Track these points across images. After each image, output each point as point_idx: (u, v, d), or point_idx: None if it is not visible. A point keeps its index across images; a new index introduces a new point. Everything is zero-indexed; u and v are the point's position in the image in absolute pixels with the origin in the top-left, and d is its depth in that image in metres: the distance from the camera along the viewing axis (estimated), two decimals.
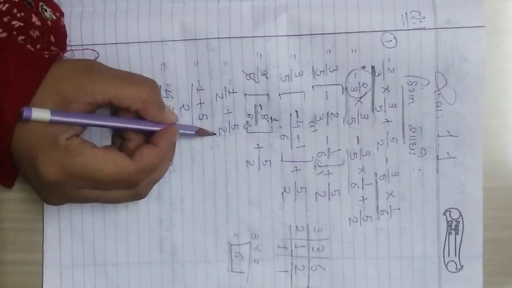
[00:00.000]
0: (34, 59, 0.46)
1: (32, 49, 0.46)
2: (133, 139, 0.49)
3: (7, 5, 0.45)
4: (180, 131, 0.50)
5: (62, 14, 0.50)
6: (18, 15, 0.45)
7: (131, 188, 0.48)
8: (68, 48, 0.50)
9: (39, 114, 0.44)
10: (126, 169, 0.46)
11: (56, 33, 0.48)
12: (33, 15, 0.46)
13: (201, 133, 0.52)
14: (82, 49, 0.51)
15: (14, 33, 0.45)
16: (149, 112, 0.48)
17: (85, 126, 0.47)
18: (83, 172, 0.45)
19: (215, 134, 0.52)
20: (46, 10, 0.48)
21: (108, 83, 0.46)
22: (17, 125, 0.45)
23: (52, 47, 0.48)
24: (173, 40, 0.51)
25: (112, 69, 0.49)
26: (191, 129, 0.51)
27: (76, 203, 0.51)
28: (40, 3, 0.48)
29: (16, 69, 0.44)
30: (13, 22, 0.45)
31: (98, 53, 0.51)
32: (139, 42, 0.51)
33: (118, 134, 0.50)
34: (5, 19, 0.45)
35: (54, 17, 0.49)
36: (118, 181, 0.46)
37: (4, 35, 0.45)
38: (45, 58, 0.47)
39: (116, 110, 0.49)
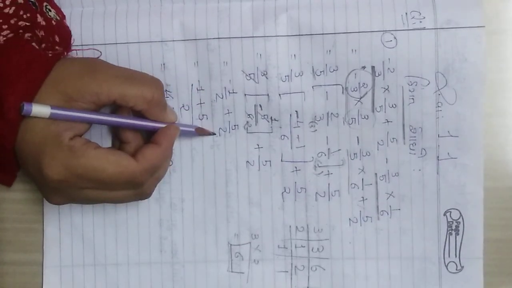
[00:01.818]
0: (38, 57, 0.45)
1: (37, 47, 0.46)
2: (132, 142, 0.49)
3: (13, 7, 0.45)
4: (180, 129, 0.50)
5: (64, 17, 0.50)
6: (24, 16, 0.45)
7: (136, 188, 0.48)
8: (72, 48, 0.50)
9: (39, 109, 0.44)
10: (130, 169, 0.46)
11: (60, 32, 0.48)
12: (38, 15, 0.46)
13: (200, 132, 0.52)
14: (82, 49, 0.51)
15: (21, 31, 0.45)
16: (152, 112, 0.48)
17: (85, 122, 0.47)
18: (87, 173, 0.45)
19: (214, 134, 0.52)
20: (50, 10, 0.48)
21: (112, 84, 0.46)
22: (21, 124, 0.45)
23: (56, 47, 0.48)
24: (173, 40, 0.51)
25: (117, 68, 0.49)
26: (191, 128, 0.51)
27: (79, 203, 0.51)
28: (44, 3, 0.48)
29: (20, 67, 0.44)
30: (19, 23, 0.45)
31: (100, 52, 0.51)
32: (139, 42, 0.51)
33: (117, 137, 0.50)
34: (12, 21, 0.45)
35: (58, 18, 0.49)
36: (122, 182, 0.46)
37: (11, 35, 0.45)
38: (49, 56, 0.46)
39: (116, 108, 0.49)
